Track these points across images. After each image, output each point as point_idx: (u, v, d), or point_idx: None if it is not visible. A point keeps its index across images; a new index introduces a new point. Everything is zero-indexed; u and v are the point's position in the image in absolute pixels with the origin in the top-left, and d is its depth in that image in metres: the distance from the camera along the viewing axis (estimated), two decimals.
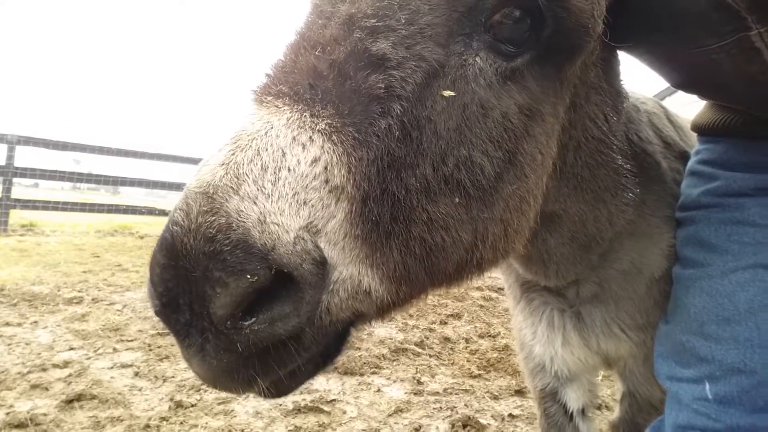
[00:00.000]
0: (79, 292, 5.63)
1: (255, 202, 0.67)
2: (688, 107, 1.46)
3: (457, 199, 0.82)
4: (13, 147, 10.58)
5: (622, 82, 1.27)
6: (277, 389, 0.81)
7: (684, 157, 1.48)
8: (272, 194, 0.68)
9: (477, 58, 0.85)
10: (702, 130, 1.36)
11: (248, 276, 0.64)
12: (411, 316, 5.53)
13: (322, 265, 0.71)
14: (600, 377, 3.99)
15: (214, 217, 0.65)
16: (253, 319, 0.66)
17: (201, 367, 0.71)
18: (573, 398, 1.80)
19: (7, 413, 2.88)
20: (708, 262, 1.19)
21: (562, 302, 1.57)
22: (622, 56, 1.24)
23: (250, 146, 0.71)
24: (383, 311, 0.84)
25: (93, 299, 5.40)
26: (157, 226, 13.08)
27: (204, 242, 0.64)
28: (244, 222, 0.66)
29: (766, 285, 1.09)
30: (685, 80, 1.21)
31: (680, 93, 1.28)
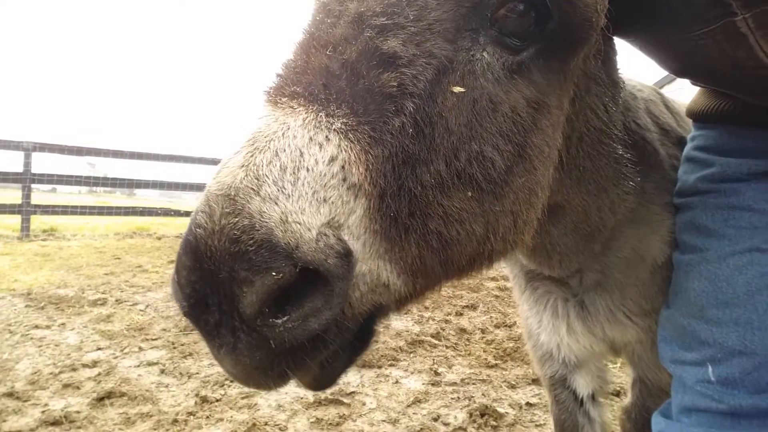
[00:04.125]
0: (102, 293, 5.80)
1: (276, 203, 0.68)
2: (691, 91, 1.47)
3: (470, 193, 0.84)
4: (30, 154, 10.67)
5: (619, 72, 1.28)
6: (318, 382, 0.83)
7: (681, 143, 1.49)
8: (292, 194, 0.69)
9: (484, 53, 0.86)
10: (696, 116, 1.37)
11: (273, 273, 0.64)
12: (427, 308, 5.59)
13: (347, 257, 0.71)
14: (618, 365, 4.02)
15: (237, 219, 0.66)
16: (286, 317, 0.67)
17: (234, 366, 0.72)
18: (582, 384, 1.84)
19: (43, 411, 3.02)
20: (706, 247, 1.22)
21: (566, 291, 1.59)
22: (622, 44, 1.25)
23: (268, 148, 0.72)
24: (401, 303, 0.87)
25: (116, 300, 5.56)
26: (173, 227, 13.28)
27: (229, 243, 0.65)
28: (266, 222, 0.66)
29: (763, 268, 1.11)
30: (677, 66, 1.23)
31: (680, 80, 1.29)
